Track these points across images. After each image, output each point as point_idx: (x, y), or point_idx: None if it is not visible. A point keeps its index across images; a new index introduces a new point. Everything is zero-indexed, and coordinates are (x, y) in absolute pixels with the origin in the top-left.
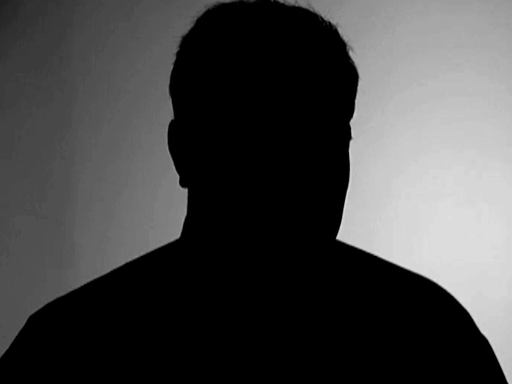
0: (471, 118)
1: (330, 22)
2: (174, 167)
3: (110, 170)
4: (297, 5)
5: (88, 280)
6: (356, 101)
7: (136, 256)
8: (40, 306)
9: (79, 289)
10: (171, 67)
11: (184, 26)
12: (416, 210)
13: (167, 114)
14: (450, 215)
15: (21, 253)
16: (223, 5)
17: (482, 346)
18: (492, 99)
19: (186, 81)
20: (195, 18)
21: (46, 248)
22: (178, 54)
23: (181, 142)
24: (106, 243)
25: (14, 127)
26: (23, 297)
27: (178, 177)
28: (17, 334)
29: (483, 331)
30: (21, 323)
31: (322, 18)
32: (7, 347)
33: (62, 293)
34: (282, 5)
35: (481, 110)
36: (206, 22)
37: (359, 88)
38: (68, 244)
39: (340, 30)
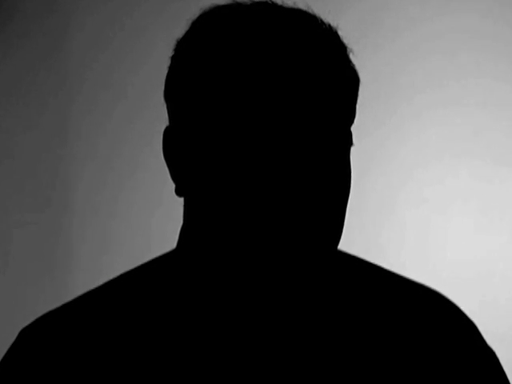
0: (479, 124)
1: (329, 25)
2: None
3: (108, 177)
4: (295, 6)
5: (85, 290)
6: (363, 107)
7: (133, 266)
8: (36, 316)
9: (72, 301)
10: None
11: (183, 29)
12: (424, 219)
13: (166, 120)
14: (459, 223)
15: (17, 263)
16: (219, 7)
17: (489, 359)
18: (501, 105)
19: (181, 85)
20: (190, 21)
21: (43, 257)
22: (173, 58)
23: (176, 150)
24: (103, 252)
25: (11, 133)
26: (20, 306)
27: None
28: (8, 347)
29: (490, 337)
30: (17, 332)
31: (321, 20)
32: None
33: (59, 303)
34: (280, 6)
35: (489, 116)
36: (201, 24)
37: (367, 94)
38: (65, 253)
39: (341, 33)
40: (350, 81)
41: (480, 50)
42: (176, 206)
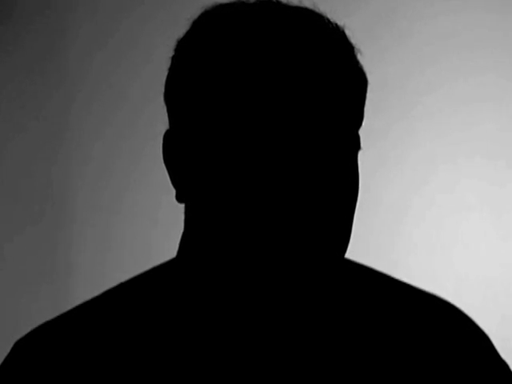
0: (494, 127)
1: (336, 24)
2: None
3: (106, 183)
4: (301, 5)
5: (84, 297)
6: (372, 109)
7: (133, 272)
8: (33, 325)
9: (69, 311)
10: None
11: (184, 29)
12: (437, 225)
13: (166, 123)
14: (473, 230)
15: (15, 269)
16: (221, 5)
17: (503, 371)
18: None
19: (182, 87)
20: (191, 20)
21: (41, 264)
22: (174, 58)
23: (177, 154)
24: (102, 260)
25: (8, 134)
26: (17, 314)
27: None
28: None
29: (506, 356)
30: (13, 341)
31: (328, 19)
32: None
33: (58, 310)
34: (285, 5)
35: (503, 118)
36: (203, 23)
37: (376, 96)
38: (64, 260)
39: (348, 32)
40: (358, 82)
41: (492, 49)
42: (177, 213)
